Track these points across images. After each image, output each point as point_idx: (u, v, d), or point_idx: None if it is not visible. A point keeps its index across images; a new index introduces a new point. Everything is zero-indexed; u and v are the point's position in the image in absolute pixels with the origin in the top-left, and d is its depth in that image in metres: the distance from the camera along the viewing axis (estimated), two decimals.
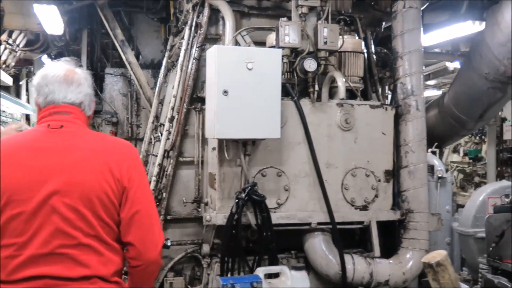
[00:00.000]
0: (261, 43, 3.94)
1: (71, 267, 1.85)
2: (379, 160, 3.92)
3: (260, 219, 3.49)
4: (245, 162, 3.53)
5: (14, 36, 7.70)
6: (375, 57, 4.56)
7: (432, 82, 11.31)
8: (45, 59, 8.08)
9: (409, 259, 3.87)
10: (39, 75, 2.06)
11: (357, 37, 4.21)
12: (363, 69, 4.06)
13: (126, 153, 2.03)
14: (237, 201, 3.43)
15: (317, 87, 3.70)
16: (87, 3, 5.66)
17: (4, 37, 7.59)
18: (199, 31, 3.98)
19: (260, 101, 3.35)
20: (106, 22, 5.64)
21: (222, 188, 3.57)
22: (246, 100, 3.32)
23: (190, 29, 4.08)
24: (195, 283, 4.02)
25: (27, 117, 12.56)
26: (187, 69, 4.00)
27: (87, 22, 6.40)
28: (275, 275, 3.28)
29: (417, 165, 3.90)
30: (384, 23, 4.74)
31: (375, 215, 3.90)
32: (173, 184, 4.04)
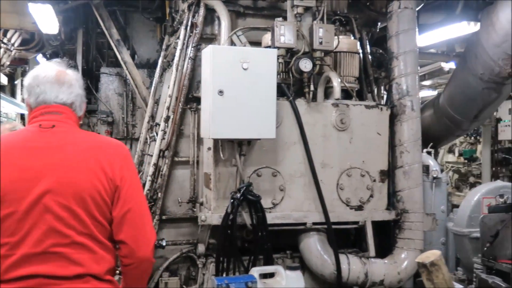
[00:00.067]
0: (257, 43, 3.94)
1: (64, 266, 1.86)
2: (374, 160, 3.93)
3: (255, 219, 3.49)
4: (241, 162, 3.53)
5: (9, 35, 7.67)
6: (370, 57, 4.57)
7: (427, 82, 11.35)
8: (40, 59, 8.06)
9: (404, 259, 3.88)
10: (30, 76, 2.06)
11: (353, 38, 4.22)
12: (358, 69, 4.06)
13: (118, 152, 2.05)
14: (232, 201, 3.43)
15: (312, 87, 3.70)
16: (83, 2, 5.65)
17: None
18: (194, 31, 3.98)
19: (255, 101, 3.35)
20: (101, 21, 5.63)
21: (217, 188, 3.57)
22: (241, 100, 3.32)
23: (185, 28, 4.07)
24: (190, 283, 4.02)
25: (22, 117, 12.53)
26: (183, 69, 3.99)
27: (82, 21, 6.39)
28: (270, 275, 3.28)
29: (412, 165, 3.92)
30: (379, 24, 4.76)
31: (370, 215, 3.91)
32: (168, 184, 4.03)
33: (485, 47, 4.19)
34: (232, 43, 3.82)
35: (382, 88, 4.68)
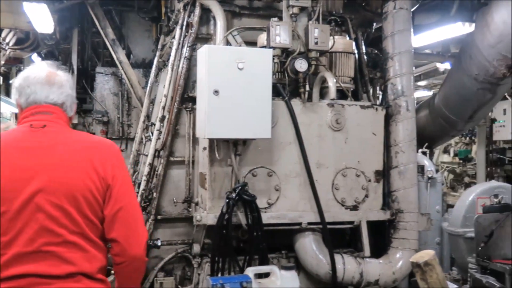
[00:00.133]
0: (252, 43, 3.94)
1: (56, 265, 1.87)
2: (369, 160, 3.94)
3: (250, 219, 3.49)
4: (236, 162, 3.53)
5: (3, 34, 7.63)
6: (366, 57, 4.58)
7: (423, 83, 11.38)
8: (35, 58, 8.03)
9: (399, 258, 3.89)
10: (21, 76, 2.08)
11: (348, 38, 4.23)
12: (353, 69, 4.07)
13: (109, 152, 2.07)
14: (227, 201, 3.43)
15: (308, 87, 3.71)
16: (78, 2, 5.63)
17: None
18: (190, 31, 3.98)
19: (251, 101, 3.36)
20: (97, 21, 5.62)
21: (212, 188, 3.57)
22: (237, 100, 3.32)
23: (181, 28, 4.07)
24: (185, 283, 4.01)
25: (17, 116, 12.45)
26: (178, 69, 3.99)
27: (77, 20, 6.37)
28: (265, 275, 3.28)
29: (407, 166, 3.93)
30: (375, 24, 4.77)
31: (365, 215, 3.91)
32: (163, 183, 4.03)
33: (479, 47, 4.20)
34: (227, 43, 3.81)
35: (377, 88, 4.68)
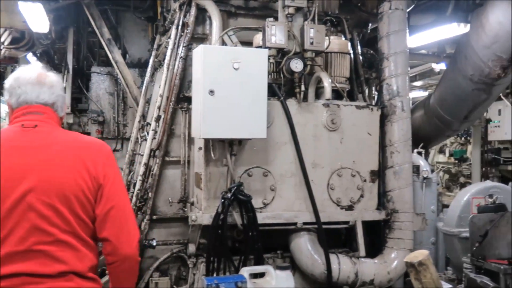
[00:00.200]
0: (248, 43, 3.94)
1: (48, 264, 1.88)
2: (364, 160, 3.94)
3: (246, 219, 3.49)
4: (231, 162, 3.52)
5: None
6: (361, 58, 4.58)
7: (418, 83, 11.40)
8: (31, 57, 8.00)
9: (394, 258, 3.89)
10: (12, 77, 2.09)
11: (344, 38, 4.23)
12: (349, 69, 4.08)
13: (100, 151, 2.08)
14: (223, 201, 3.43)
15: (303, 88, 3.71)
16: (73, 1, 5.61)
17: None
18: (185, 31, 3.97)
19: (246, 101, 3.36)
20: (92, 20, 5.59)
21: (208, 188, 3.57)
22: (232, 100, 3.32)
23: (176, 28, 4.06)
24: (180, 283, 4.01)
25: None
26: (174, 69, 3.99)
27: (73, 20, 6.34)
28: (260, 275, 3.28)
29: (402, 166, 3.93)
30: (370, 24, 4.77)
31: (361, 215, 3.92)
32: (159, 183, 4.02)
33: (475, 48, 4.22)
34: (223, 43, 3.82)
35: (373, 88, 4.69)
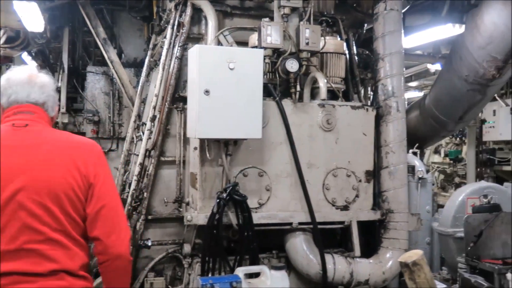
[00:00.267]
0: (244, 43, 3.94)
1: (39, 263, 1.88)
2: (360, 160, 3.95)
3: (241, 219, 3.49)
4: (227, 162, 3.52)
5: None
6: (357, 58, 4.59)
7: (414, 83, 11.44)
8: (26, 57, 7.96)
9: (389, 258, 3.90)
10: (3, 78, 2.11)
11: (339, 39, 4.24)
12: (344, 70, 4.08)
13: (91, 151, 2.10)
14: (218, 201, 3.43)
15: (299, 88, 3.71)
16: (69, 0, 5.59)
17: None
18: (181, 30, 3.97)
19: (242, 101, 3.36)
20: (88, 20, 5.57)
21: (203, 188, 3.57)
22: (227, 100, 3.32)
23: (172, 28, 4.06)
24: (176, 283, 4.00)
25: None
26: (169, 68, 3.98)
27: (68, 19, 6.30)
28: (255, 275, 3.29)
29: (397, 166, 3.94)
30: (366, 25, 4.78)
31: (356, 215, 3.93)
32: (154, 183, 4.02)
33: (469, 49, 4.24)
34: (219, 43, 3.81)
35: (368, 89, 4.70)
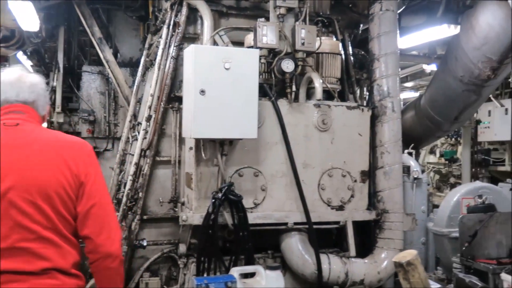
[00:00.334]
0: (239, 43, 3.94)
1: (31, 261, 1.89)
2: (355, 160, 3.96)
3: (236, 219, 3.49)
4: (222, 162, 3.52)
5: None
6: (352, 58, 4.60)
7: (409, 84, 11.46)
8: (21, 56, 7.93)
9: (384, 258, 3.91)
10: None
11: (335, 39, 4.24)
12: (340, 70, 4.09)
13: (82, 150, 2.11)
14: (213, 201, 3.43)
15: (294, 88, 3.72)
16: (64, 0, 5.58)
17: None
18: (177, 30, 3.96)
19: (237, 101, 3.36)
20: (83, 19, 5.55)
21: (198, 187, 3.57)
22: (223, 100, 3.32)
23: (168, 28, 4.05)
24: (171, 283, 4.00)
25: None
26: (165, 68, 3.98)
27: (64, 19, 6.28)
28: (251, 275, 3.28)
29: (392, 166, 3.95)
30: (361, 25, 4.79)
31: (351, 215, 3.94)
32: (149, 183, 4.01)
33: (465, 49, 4.25)
34: (214, 43, 3.81)
35: (364, 89, 4.71)
